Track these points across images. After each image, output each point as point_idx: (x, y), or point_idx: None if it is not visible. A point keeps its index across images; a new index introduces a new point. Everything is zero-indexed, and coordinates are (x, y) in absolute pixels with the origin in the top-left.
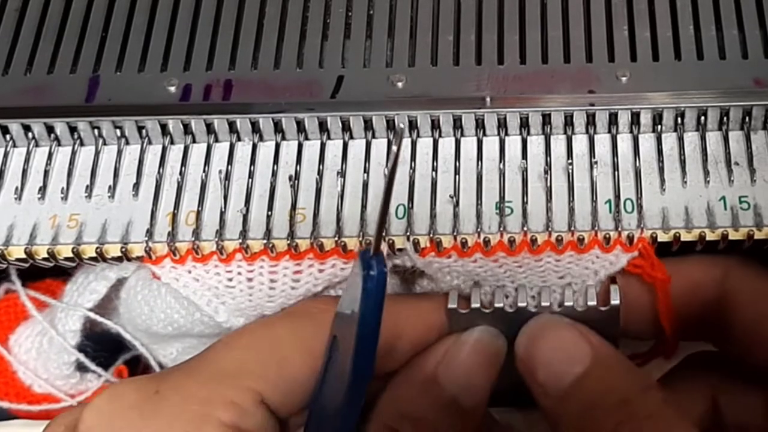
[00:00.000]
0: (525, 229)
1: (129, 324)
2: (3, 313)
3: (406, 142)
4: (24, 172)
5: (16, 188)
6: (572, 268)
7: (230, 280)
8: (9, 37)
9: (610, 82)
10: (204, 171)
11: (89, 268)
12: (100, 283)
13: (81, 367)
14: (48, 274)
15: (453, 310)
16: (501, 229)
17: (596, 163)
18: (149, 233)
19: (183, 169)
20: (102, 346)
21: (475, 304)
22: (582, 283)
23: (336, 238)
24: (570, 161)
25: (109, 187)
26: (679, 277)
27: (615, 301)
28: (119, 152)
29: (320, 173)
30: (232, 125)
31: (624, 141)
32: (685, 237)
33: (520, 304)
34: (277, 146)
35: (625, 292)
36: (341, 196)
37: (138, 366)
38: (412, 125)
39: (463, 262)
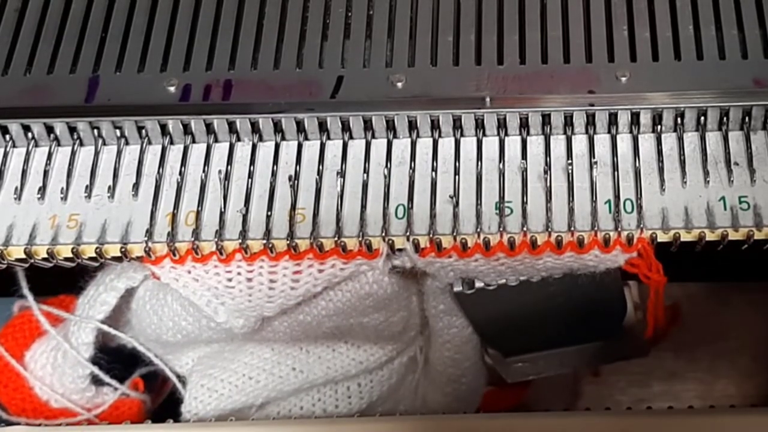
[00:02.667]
0: (525, 229)
1: (141, 335)
2: (18, 330)
3: (406, 142)
4: (24, 172)
5: (16, 188)
6: (572, 265)
7: (230, 280)
8: (9, 37)
9: (610, 82)
10: (204, 171)
11: (99, 279)
12: (110, 294)
13: (96, 381)
14: (61, 289)
15: (460, 293)
16: (501, 229)
17: (596, 163)
18: (149, 233)
19: (183, 169)
20: (116, 360)
21: (479, 284)
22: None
23: (336, 239)
24: (570, 161)
25: (109, 187)
26: None
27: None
28: (119, 152)
29: (320, 173)
30: (231, 125)
31: (624, 141)
32: (685, 237)
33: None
34: (277, 146)
35: None
36: (341, 196)
37: (154, 379)
38: (412, 125)
39: (465, 261)
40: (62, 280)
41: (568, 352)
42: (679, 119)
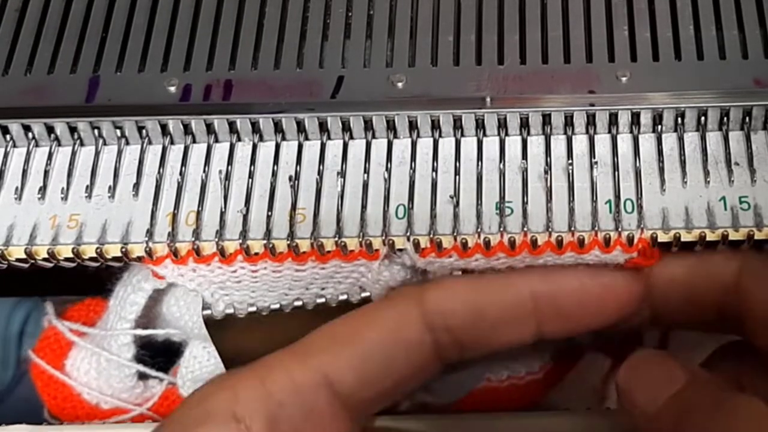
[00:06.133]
0: (525, 229)
1: (175, 326)
2: (53, 341)
3: (407, 143)
4: (24, 172)
5: (16, 188)
6: (572, 263)
7: (234, 274)
8: (9, 38)
9: (610, 82)
10: (204, 171)
11: (126, 280)
12: (138, 294)
13: (143, 376)
14: (88, 291)
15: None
16: (501, 229)
17: (596, 163)
18: (149, 233)
19: (183, 169)
20: (159, 352)
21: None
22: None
23: (336, 239)
24: (570, 161)
25: (109, 187)
26: (699, 270)
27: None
28: (119, 152)
29: (320, 173)
30: (232, 125)
31: (624, 141)
32: (686, 237)
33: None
34: (277, 146)
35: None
36: (341, 197)
37: None
38: (412, 125)
39: (465, 261)
40: (85, 280)
41: None
42: (679, 119)
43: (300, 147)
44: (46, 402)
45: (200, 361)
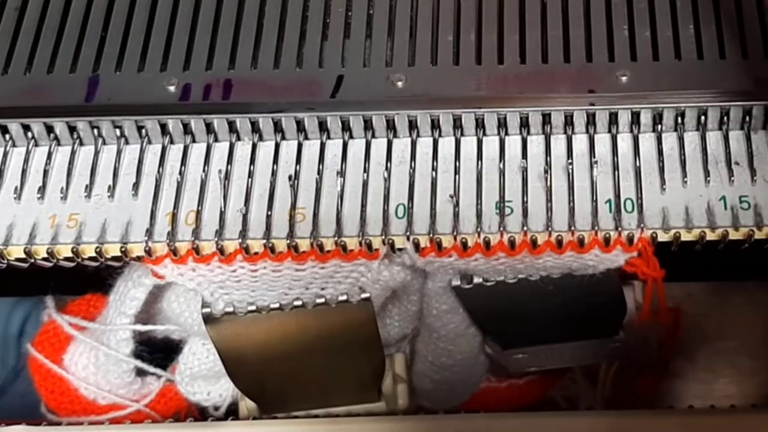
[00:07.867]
0: (525, 228)
1: (175, 322)
2: (52, 335)
3: (407, 142)
4: (23, 171)
5: (16, 188)
6: (572, 264)
7: (234, 273)
8: (8, 37)
9: (610, 82)
10: (204, 171)
11: (126, 275)
12: (138, 289)
13: (141, 372)
14: (88, 291)
15: (458, 288)
16: (501, 228)
17: (596, 162)
18: (149, 233)
19: (183, 168)
20: (157, 348)
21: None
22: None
23: (336, 238)
24: (570, 161)
25: (109, 186)
26: None
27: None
28: (119, 152)
29: (320, 173)
30: (231, 125)
31: (624, 141)
32: (685, 237)
33: None
34: (277, 146)
35: None
36: (341, 196)
37: None
38: (412, 125)
39: (465, 261)
40: (87, 278)
41: (568, 348)
42: (679, 119)
43: (300, 146)
44: (44, 396)
45: (199, 358)
